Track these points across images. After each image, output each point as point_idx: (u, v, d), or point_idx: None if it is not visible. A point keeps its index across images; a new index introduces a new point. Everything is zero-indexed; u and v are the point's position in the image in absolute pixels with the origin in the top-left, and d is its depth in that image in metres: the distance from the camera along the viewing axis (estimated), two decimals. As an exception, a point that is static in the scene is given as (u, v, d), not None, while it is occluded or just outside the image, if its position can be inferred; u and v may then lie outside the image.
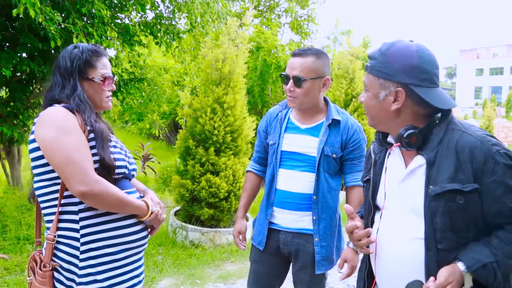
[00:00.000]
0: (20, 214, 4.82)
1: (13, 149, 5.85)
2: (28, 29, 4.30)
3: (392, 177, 1.49)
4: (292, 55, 2.13)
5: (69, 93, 1.63)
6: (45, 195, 1.58)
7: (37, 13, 3.51)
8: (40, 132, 1.53)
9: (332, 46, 12.71)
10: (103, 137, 1.62)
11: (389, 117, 1.42)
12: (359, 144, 2.19)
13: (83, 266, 1.54)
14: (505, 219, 1.29)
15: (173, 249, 4.72)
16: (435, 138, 1.37)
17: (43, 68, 4.62)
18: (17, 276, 3.75)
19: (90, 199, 1.50)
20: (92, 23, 4.43)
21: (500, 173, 1.27)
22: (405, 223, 1.42)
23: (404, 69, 1.35)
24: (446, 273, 1.27)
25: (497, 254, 1.26)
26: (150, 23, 5.66)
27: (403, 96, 1.36)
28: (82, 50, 1.68)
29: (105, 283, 1.57)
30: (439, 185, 1.31)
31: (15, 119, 5.14)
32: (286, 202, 2.18)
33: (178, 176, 4.96)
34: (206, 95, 4.84)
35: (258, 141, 2.40)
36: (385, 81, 1.38)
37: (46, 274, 1.55)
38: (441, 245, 1.32)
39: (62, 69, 1.67)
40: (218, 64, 4.84)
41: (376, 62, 1.40)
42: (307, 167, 2.15)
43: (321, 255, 2.16)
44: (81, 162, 1.49)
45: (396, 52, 1.37)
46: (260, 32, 8.93)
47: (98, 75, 1.70)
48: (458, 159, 1.30)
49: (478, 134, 1.33)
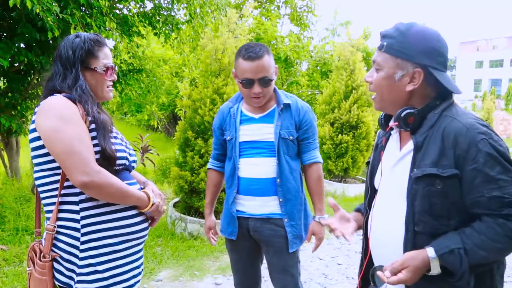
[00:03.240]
0: (18, 205, 4.81)
1: (12, 140, 5.83)
2: (26, 19, 4.26)
3: (387, 161, 1.51)
4: (247, 59, 2.10)
5: (71, 84, 1.62)
6: (45, 185, 1.57)
7: (34, 4, 3.46)
8: (41, 122, 1.52)
9: (330, 37, 12.64)
10: (105, 128, 1.60)
11: (401, 99, 1.42)
12: (311, 124, 2.29)
13: (84, 257, 1.54)
14: (482, 210, 1.28)
15: (172, 240, 4.73)
16: (427, 122, 1.38)
17: (41, 58, 4.58)
18: (15, 267, 3.76)
19: (91, 189, 1.49)
20: (90, 13, 4.39)
21: (481, 161, 1.26)
22: (394, 206, 1.43)
23: (425, 50, 1.35)
24: (405, 257, 1.29)
25: (466, 243, 1.26)
26: (149, 14, 5.62)
27: (420, 78, 1.37)
28: (84, 40, 1.66)
29: (105, 274, 1.57)
30: (421, 168, 1.32)
31: (13, 110, 5.11)
32: (251, 188, 2.24)
33: (177, 167, 4.96)
34: (206, 86, 4.82)
35: (215, 139, 2.46)
36: (404, 61, 1.38)
37: (46, 264, 1.54)
38: (419, 227, 1.33)
39: (63, 58, 1.64)
40: (217, 55, 4.81)
41: (395, 41, 1.39)
42: (268, 152, 2.23)
43: (292, 234, 2.26)
44: (83, 152, 1.48)
45: (417, 33, 1.37)
46: (260, 23, 8.89)
47: (100, 65, 1.69)
48: (443, 144, 1.31)
49: (467, 121, 1.32)
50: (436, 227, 1.32)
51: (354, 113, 7.40)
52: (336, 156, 7.59)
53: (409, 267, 1.26)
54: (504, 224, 1.24)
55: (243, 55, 2.12)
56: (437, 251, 1.26)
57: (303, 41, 10.31)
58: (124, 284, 1.63)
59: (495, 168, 1.26)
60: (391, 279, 1.27)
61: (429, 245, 1.29)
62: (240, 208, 2.30)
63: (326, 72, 10.31)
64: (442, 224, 1.32)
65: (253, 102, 2.21)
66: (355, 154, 7.57)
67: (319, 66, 10.65)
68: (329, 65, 10.23)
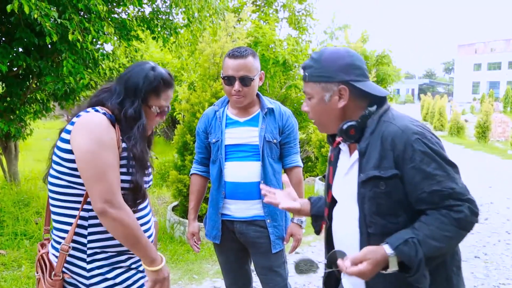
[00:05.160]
0: (17, 210, 4.81)
1: (10, 145, 5.83)
2: (24, 24, 4.27)
3: (340, 172, 1.60)
4: (231, 57, 2.23)
5: (133, 114, 1.58)
6: (61, 194, 1.55)
7: (32, 9, 3.47)
8: (78, 139, 1.48)
9: (328, 41, 12.67)
10: (143, 165, 1.60)
11: (337, 116, 1.51)
12: (293, 128, 2.39)
13: (92, 268, 1.54)
14: (426, 205, 1.34)
15: (171, 244, 4.73)
16: (368, 129, 1.45)
17: (39, 63, 4.59)
18: (14, 272, 3.76)
19: (107, 219, 1.47)
20: (88, 18, 4.40)
21: (418, 159, 1.33)
22: (349, 211, 1.49)
23: (341, 68, 1.46)
24: (366, 250, 1.32)
25: (418, 234, 1.31)
26: (147, 18, 5.64)
27: (347, 92, 1.46)
28: (157, 76, 1.63)
29: (117, 280, 1.58)
30: (366, 172, 1.40)
31: (12, 115, 5.12)
32: (237, 192, 2.30)
33: (176, 171, 4.96)
34: (204, 90, 4.83)
35: (199, 143, 2.49)
36: (327, 83, 1.47)
37: (56, 283, 1.53)
38: (371, 229, 1.40)
39: (130, 84, 1.61)
40: (216, 59, 4.82)
41: (313, 69, 1.50)
42: (253, 156, 2.30)
43: (274, 235, 2.33)
44: (113, 183, 1.48)
45: (329, 56, 1.48)
46: (258, 27, 8.90)
47: (157, 105, 1.66)
48: (383, 147, 1.38)
49: (402, 124, 1.39)
50: (386, 226, 1.38)
51: (353, 116, 7.41)
52: (334, 159, 7.60)
53: (370, 260, 1.30)
54: (447, 213, 1.31)
55: (229, 53, 2.25)
56: (392, 244, 1.31)
57: (301, 45, 10.32)
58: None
59: (431, 165, 1.33)
60: (350, 269, 1.30)
61: (385, 242, 1.33)
62: (225, 211, 2.35)
63: (324, 75, 10.30)
64: (390, 223, 1.38)
65: (234, 100, 2.27)
66: (354, 157, 7.58)
67: (317, 70, 10.65)
68: (327, 68, 10.21)
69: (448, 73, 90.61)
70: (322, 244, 2.54)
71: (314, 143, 7.89)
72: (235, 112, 2.36)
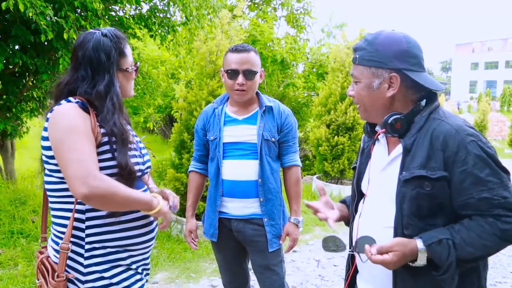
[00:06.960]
0: (13, 208, 4.79)
1: (7, 143, 5.81)
2: (20, 22, 4.24)
3: (375, 166, 1.51)
4: (234, 51, 2.24)
5: (103, 90, 1.52)
6: (53, 191, 1.54)
7: (27, 7, 3.45)
8: (51, 132, 1.46)
9: (326, 39, 12.65)
10: (124, 142, 1.53)
11: (384, 105, 1.42)
12: (291, 127, 2.36)
13: (88, 264, 1.53)
14: (472, 211, 1.28)
15: (168, 242, 4.72)
16: (415, 125, 1.38)
17: (36, 60, 4.56)
18: (10, 270, 3.74)
19: (95, 201, 1.41)
20: (85, 15, 4.37)
21: (471, 163, 1.26)
22: (382, 211, 1.43)
23: (396, 54, 1.36)
24: (396, 242, 1.29)
25: (455, 237, 1.26)
26: (145, 16, 5.61)
27: (398, 81, 1.37)
28: (113, 39, 1.55)
29: (113, 280, 1.56)
30: (410, 171, 1.32)
31: (8, 112, 5.10)
32: (235, 191, 2.29)
33: (173, 169, 4.95)
34: (201, 88, 4.81)
35: (197, 140, 2.48)
36: (377, 69, 1.39)
37: (61, 284, 1.50)
38: (408, 231, 1.33)
39: (94, 63, 1.52)
40: (212, 57, 4.81)
41: (365, 52, 1.41)
42: (251, 154, 2.28)
43: (271, 234, 2.32)
44: (87, 164, 1.39)
45: (385, 39, 1.39)
46: (256, 25, 8.89)
47: (130, 64, 1.62)
48: (432, 146, 1.31)
49: (456, 124, 1.32)
50: (423, 228, 1.32)
51: (350, 115, 7.41)
52: (332, 157, 7.59)
53: (397, 252, 1.27)
54: (493, 222, 1.25)
55: (231, 48, 2.27)
56: (425, 241, 1.27)
57: (299, 43, 10.32)
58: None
59: (484, 170, 1.26)
60: (375, 257, 1.28)
61: (418, 237, 1.29)
62: (223, 209, 2.34)
63: (322, 74, 10.31)
64: (428, 224, 1.32)
65: (235, 95, 2.26)
66: (351, 156, 7.57)
67: (315, 68, 10.64)
68: (325, 67, 10.23)
69: (445, 72, 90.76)
70: (319, 243, 2.53)
71: (311, 141, 7.88)
72: (234, 110, 2.35)
